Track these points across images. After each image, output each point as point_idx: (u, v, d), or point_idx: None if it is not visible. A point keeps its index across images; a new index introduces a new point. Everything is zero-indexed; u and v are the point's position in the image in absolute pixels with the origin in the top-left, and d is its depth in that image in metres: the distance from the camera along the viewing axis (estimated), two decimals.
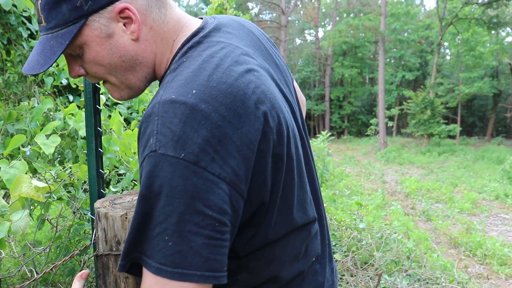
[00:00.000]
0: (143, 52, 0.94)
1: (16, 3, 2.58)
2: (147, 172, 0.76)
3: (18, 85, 2.84)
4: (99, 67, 0.94)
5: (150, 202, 0.76)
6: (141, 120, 0.82)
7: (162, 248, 0.75)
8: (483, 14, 25.56)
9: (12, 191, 1.48)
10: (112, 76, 0.96)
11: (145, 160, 0.77)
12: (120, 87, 0.99)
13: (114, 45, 0.91)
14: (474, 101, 36.39)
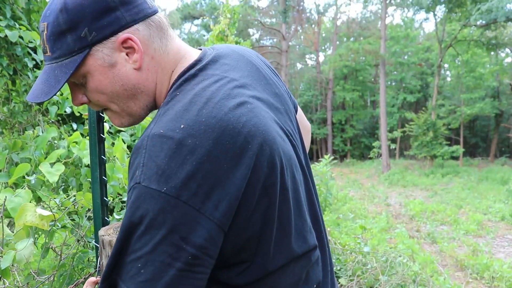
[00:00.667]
0: (144, 81, 0.96)
1: (22, 34, 2.64)
2: (131, 203, 0.79)
3: (23, 114, 2.88)
4: (101, 95, 0.95)
5: (129, 231, 0.79)
6: (133, 150, 0.84)
7: (133, 275, 0.78)
8: (481, 35, 25.81)
9: (17, 219, 1.49)
10: (114, 104, 0.97)
11: (130, 191, 0.80)
12: (121, 114, 1.00)
13: (116, 74, 0.92)
14: (476, 122, 36.43)
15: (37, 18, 3.09)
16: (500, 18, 20.27)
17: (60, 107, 2.88)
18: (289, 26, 35.79)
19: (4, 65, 2.65)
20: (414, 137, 26.13)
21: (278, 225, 0.90)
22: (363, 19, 42.68)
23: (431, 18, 44.70)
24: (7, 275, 1.35)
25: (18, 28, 2.66)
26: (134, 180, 0.80)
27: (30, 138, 2.30)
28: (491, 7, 19.68)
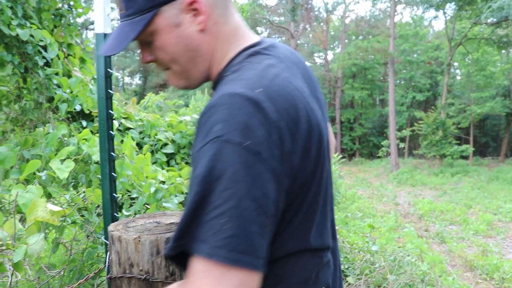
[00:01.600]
0: (205, 44, 1.01)
1: (33, 33, 2.67)
2: (209, 156, 0.79)
3: (34, 111, 2.91)
4: (165, 54, 1.01)
5: (209, 185, 0.78)
6: (203, 110, 0.86)
7: (217, 232, 0.76)
8: (492, 33, 25.55)
9: (28, 215, 1.51)
10: (175, 64, 1.03)
11: (208, 145, 0.80)
12: (180, 75, 1.05)
13: (181, 34, 0.98)
14: (487, 121, 36.09)
15: (48, 17, 3.12)
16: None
17: (70, 105, 2.90)
18: (297, 24, 35.71)
19: (15, 63, 2.67)
20: (423, 136, 25.97)
21: (307, 208, 0.92)
22: (372, 17, 42.43)
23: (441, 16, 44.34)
24: (19, 268, 1.37)
25: (29, 26, 2.69)
26: (213, 134, 0.80)
27: (41, 135, 2.32)
28: (503, 4, 19.46)
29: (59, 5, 3.21)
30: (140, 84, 43.70)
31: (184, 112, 6.73)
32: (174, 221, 1.23)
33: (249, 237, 0.77)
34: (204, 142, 0.81)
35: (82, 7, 3.42)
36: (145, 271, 1.09)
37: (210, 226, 0.77)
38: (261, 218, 0.78)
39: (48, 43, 2.79)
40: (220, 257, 0.74)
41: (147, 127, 3.51)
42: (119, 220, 1.32)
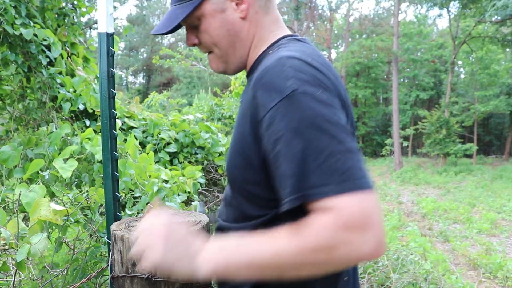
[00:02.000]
0: (245, 31, 1.14)
1: (36, 32, 2.67)
2: (294, 109, 0.87)
3: (38, 111, 2.92)
4: (209, 37, 1.14)
5: (306, 134, 0.85)
6: (261, 72, 0.96)
7: (334, 170, 0.83)
8: (496, 32, 25.44)
9: (31, 214, 1.52)
10: (217, 47, 1.15)
11: (286, 100, 0.88)
12: (220, 59, 1.17)
13: (225, 19, 1.11)
14: (491, 119, 35.95)
15: (51, 16, 3.12)
16: None
17: (73, 104, 2.91)
18: (301, 23, 35.67)
19: (19, 62, 2.68)
20: (427, 134, 25.91)
21: None
22: (376, 15, 42.33)
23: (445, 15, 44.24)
24: (22, 268, 1.38)
25: (32, 26, 2.70)
26: (288, 89, 0.88)
27: (44, 135, 2.33)
28: (507, 2, 19.37)
29: (62, 4, 3.22)
30: (144, 83, 43.77)
31: (187, 111, 6.75)
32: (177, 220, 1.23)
33: (357, 166, 0.85)
34: (279, 98, 0.89)
35: (86, 6, 3.42)
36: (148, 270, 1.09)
37: (325, 168, 0.84)
38: (355, 148, 0.88)
39: (51, 42, 2.80)
40: (345, 188, 0.82)
41: (150, 126, 3.52)
42: (121, 220, 1.32)
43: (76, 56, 3.33)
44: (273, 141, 0.89)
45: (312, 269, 0.86)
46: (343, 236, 0.82)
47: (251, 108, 0.97)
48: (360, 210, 0.82)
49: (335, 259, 0.84)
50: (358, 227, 0.82)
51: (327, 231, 0.82)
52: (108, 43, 1.44)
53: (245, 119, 1.00)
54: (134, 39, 41.89)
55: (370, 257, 0.84)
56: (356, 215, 0.82)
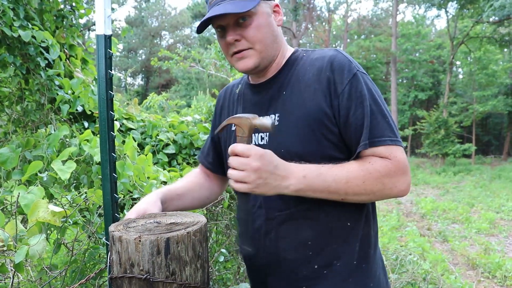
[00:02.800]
0: (280, 36, 1.42)
1: (35, 34, 2.68)
2: (361, 83, 1.29)
3: (36, 112, 2.92)
4: (258, 32, 1.33)
5: (371, 100, 1.28)
6: (330, 59, 1.33)
7: (387, 127, 1.26)
8: (494, 32, 25.51)
9: (30, 216, 1.52)
10: (261, 43, 1.35)
11: (355, 77, 1.29)
12: (259, 54, 1.36)
13: (270, 22, 1.37)
14: (489, 119, 36.01)
15: (50, 18, 3.13)
16: None
17: (71, 106, 2.91)
18: (299, 24, 35.67)
19: (17, 64, 2.68)
20: (425, 135, 25.94)
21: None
22: (374, 16, 42.35)
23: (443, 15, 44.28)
24: (21, 269, 1.38)
25: (31, 28, 2.70)
26: (354, 69, 1.30)
27: (43, 136, 2.33)
28: (504, 3, 19.41)
29: (61, 6, 3.22)
30: (142, 85, 43.75)
31: (186, 112, 6.74)
32: (174, 221, 1.24)
33: (396, 127, 1.30)
34: (350, 75, 1.29)
35: (84, 8, 3.42)
36: (146, 271, 1.10)
37: (385, 125, 1.26)
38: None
39: (50, 44, 2.80)
40: (398, 141, 1.27)
41: (148, 127, 3.52)
42: (120, 221, 1.33)
43: (75, 58, 3.33)
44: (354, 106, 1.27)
45: (370, 194, 1.25)
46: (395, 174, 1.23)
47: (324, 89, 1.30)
48: (404, 161, 1.25)
49: (385, 189, 1.24)
50: (402, 172, 1.25)
51: (387, 169, 1.23)
52: (106, 45, 1.44)
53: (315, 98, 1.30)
54: (132, 41, 41.88)
55: (404, 193, 1.26)
56: (402, 163, 1.24)
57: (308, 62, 1.38)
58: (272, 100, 1.40)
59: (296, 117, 1.32)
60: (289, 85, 1.38)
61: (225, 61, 8.28)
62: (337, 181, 1.23)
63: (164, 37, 46.39)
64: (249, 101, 1.49)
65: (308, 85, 1.33)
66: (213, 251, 2.89)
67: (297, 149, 1.31)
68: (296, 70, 1.39)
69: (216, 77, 12.43)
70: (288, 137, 1.33)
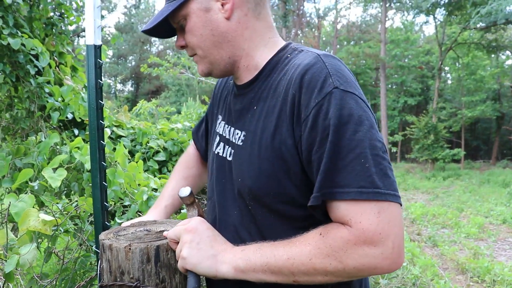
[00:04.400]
0: (233, 32, 1.11)
1: (24, 42, 2.68)
2: (335, 105, 0.91)
3: (26, 120, 2.92)
4: (193, 37, 1.12)
5: (341, 132, 0.89)
6: (302, 70, 0.98)
7: (358, 172, 0.87)
8: (482, 38, 25.86)
9: (20, 224, 1.52)
10: (200, 48, 1.13)
11: (328, 96, 0.92)
12: (203, 60, 1.16)
13: (209, 19, 1.10)
14: (478, 124, 36.37)
15: (39, 26, 3.13)
16: (500, 20, 20.32)
17: (61, 113, 2.91)
18: (289, 30, 35.85)
19: (7, 72, 2.68)
20: (415, 140, 26.11)
21: None
22: (363, 22, 42.73)
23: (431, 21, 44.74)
24: (11, 279, 1.38)
25: (20, 36, 2.70)
26: (329, 86, 0.92)
27: (33, 144, 2.33)
28: (491, 10, 19.70)
29: (50, 14, 3.22)
30: (132, 91, 43.59)
31: (176, 119, 6.74)
32: (164, 229, 1.25)
33: (384, 173, 0.89)
34: (323, 95, 0.92)
35: (74, 15, 3.43)
36: (136, 278, 1.11)
37: (350, 169, 0.88)
38: (385, 155, 0.92)
39: (39, 52, 2.80)
40: (368, 194, 0.86)
41: (138, 135, 3.52)
42: (110, 229, 1.33)
43: (64, 65, 3.33)
44: (319, 140, 0.92)
45: (327, 275, 0.92)
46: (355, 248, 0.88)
47: (288, 111, 0.99)
48: (374, 226, 0.87)
49: (348, 268, 0.89)
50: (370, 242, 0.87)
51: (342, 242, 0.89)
52: (96, 55, 1.46)
53: (278, 124, 1.01)
54: (122, 47, 41.76)
55: (385, 270, 0.89)
56: (370, 231, 0.87)
57: (285, 70, 1.07)
58: (243, 111, 1.16)
59: (259, 143, 1.05)
60: (261, 98, 1.11)
61: None
62: (276, 257, 0.95)
63: (154, 43, 46.32)
64: (229, 102, 1.26)
65: (277, 103, 1.03)
66: None
67: (250, 184, 1.06)
68: (273, 79, 1.09)
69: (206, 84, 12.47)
70: (245, 166, 1.08)
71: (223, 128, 1.25)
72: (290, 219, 1.05)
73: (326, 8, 41.59)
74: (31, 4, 3.05)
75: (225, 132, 1.23)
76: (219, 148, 1.24)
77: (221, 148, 1.23)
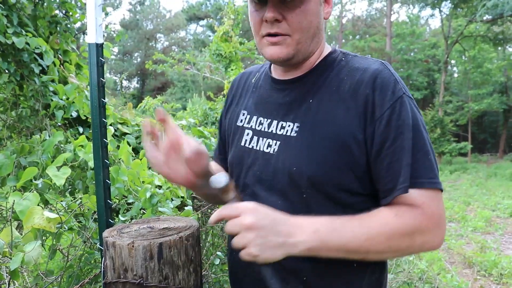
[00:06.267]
0: (321, 31, 1.20)
1: (28, 41, 2.69)
2: (406, 109, 1.07)
3: (31, 118, 2.93)
4: (304, 20, 1.11)
5: (414, 131, 1.06)
6: (373, 74, 1.10)
7: (427, 166, 1.06)
8: (488, 31, 25.64)
9: (25, 222, 1.53)
10: (302, 33, 1.13)
11: (399, 100, 1.07)
12: (296, 45, 1.14)
13: (319, 11, 1.15)
14: (485, 117, 36.12)
15: (44, 24, 3.14)
16: (506, 12, 20.13)
17: (66, 112, 2.92)
18: None
19: (11, 71, 2.69)
20: None
21: None
22: (368, 16, 42.51)
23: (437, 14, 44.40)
24: (16, 276, 1.39)
25: (24, 34, 2.71)
26: (399, 92, 1.08)
27: (37, 142, 2.34)
28: (497, 2, 19.53)
29: (55, 12, 3.23)
30: (138, 88, 43.69)
31: (181, 115, 6.76)
32: (167, 226, 1.25)
33: (437, 166, 1.09)
34: (394, 99, 1.07)
35: (78, 13, 3.43)
36: (139, 275, 1.12)
37: (421, 163, 1.06)
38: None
39: (43, 50, 2.81)
40: (435, 184, 1.06)
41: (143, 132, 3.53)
42: (114, 226, 1.34)
43: (69, 63, 3.34)
44: (393, 137, 1.05)
45: (396, 252, 1.06)
46: (427, 229, 1.05)
47: (360, 109, 1.08)
48: (439, 210, 1.07)
49: (415, 246, 1.05)
50: (436, 225, 1.06)
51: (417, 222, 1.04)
52: (98, 53, 1.46)
53: (347, 118, 1.09)
54: (128, 44, 41.84)
55: (436, 248, 1.09)
56: (437, 214, 1.06)
57: (346, 70, 1.15)
58: (294, 104, 1.19)
59: (320, 134, 1.10)
60: (319, 92, 1.16)
61: (220, 64, 8.24)
62: (356, 238, 1.01)
63: (159, 39, 46.38)
64: (265, 97, 1.28)
65: (342, 99, 1.11)
66: (209, 254, 2.90)
67: (311, 172, 1.09)
68: (331, 76, 1.17)
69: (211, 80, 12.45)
70: (304, 155, 1.11)
71: (256, 122, 1.27)
72: (345, 206, 1.11)
73: None
74: (35, 3, 3.06)
75: (260, 126, 1.25)
76: (253, 142, 1.25)
77: (254, 142, 1.25)
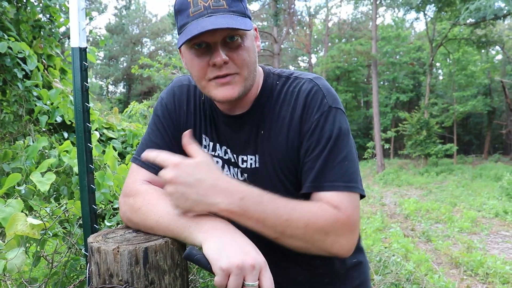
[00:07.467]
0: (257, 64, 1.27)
1: (11, 45, 2.66)
2: (330, 121, 1.20)
3: (14, 124, 2.89)
4: (247, 56, 1.17)
5: (336, 141, 1.18)
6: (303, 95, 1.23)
7: (344, 172, 1.16)
8: (471, 34, 25.98)
9: (8, 229, 1.51)
10: (247, 69, 1.18)
11: (325, 114, 1.20)
12: (244, 82, 1.19)
13: (254, 46, 1.23)
14: (469, 119, 36.63)
15: (26, 28, 3.10)
16: (489, 16, 20.42)
17: (50, 116, 2.89)
18: (280, 29, 35.84)
19: None
20: (407, 136, 26.24)
21: None
22: (354, 20, 42.80)
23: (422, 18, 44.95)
24: None
25: (7, 39, 2.68)
26: (325, 105, 1.21)
27: (21, 148, 2.31)
28: (480, 5, 19.82)
29: (38, 16, 3.20)
30: (125, 92, 43.46)
31: None
32: None
33: (356, 172, 1.19)
34: (320, 112, 1.20)
35: (62, 17, 3.40)
36: (125, 281, 1.10)
37: (338, 168, 1.16)
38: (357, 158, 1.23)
39: (27, 55, 2.78)
40: (350, 188, 1.16)
41: (129, 136, 3.51)
42: (99, 231, 1.33)
43: (53, 68, 3.31)
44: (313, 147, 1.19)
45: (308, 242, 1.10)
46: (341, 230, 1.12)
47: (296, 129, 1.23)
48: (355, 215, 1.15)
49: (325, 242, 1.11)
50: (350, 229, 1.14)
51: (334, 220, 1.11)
52: (81, 57, 1.45)
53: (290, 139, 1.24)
54: (113, 48, 41.61)
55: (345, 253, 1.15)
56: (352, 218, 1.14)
57: (283, 96, 1.27)
58: (250, 139, 1.30)
59: (275, 160, 1.26)
60: (266, 123, 1.28)
61: None
62: (277, 216, 1.07)
63: (145, 44, 46.21)
64: (222, 131, 1.34)
65: (284, 124, 1.25)
66: None
67: (280, 193, 1.16)
68: (272, 105, 1.28)
69: None
70: (269, 181, 1.27)
71: (222, 151, 1.36)
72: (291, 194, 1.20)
73: (317, 6, 41.67)
74: (18, 7, 3.03)
75: (227, 155, 1.35)
76: (225, 171, 1.36)
77: (227, 170, 1.35)
